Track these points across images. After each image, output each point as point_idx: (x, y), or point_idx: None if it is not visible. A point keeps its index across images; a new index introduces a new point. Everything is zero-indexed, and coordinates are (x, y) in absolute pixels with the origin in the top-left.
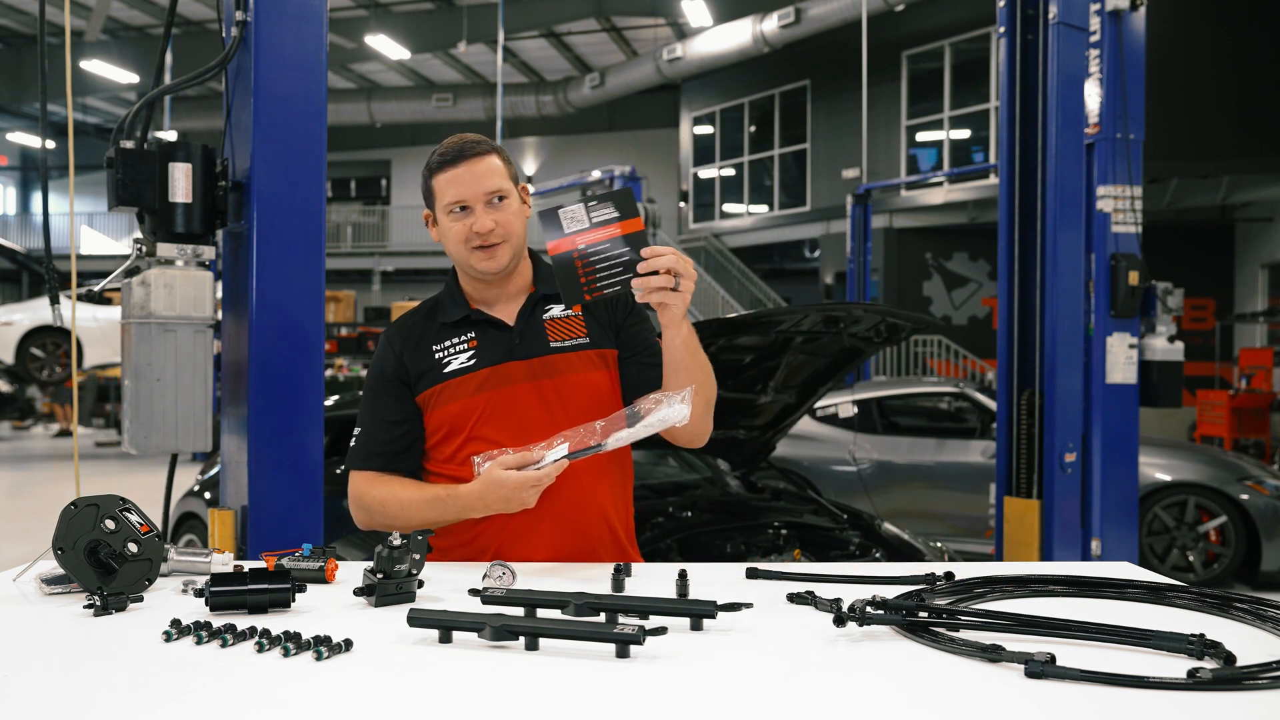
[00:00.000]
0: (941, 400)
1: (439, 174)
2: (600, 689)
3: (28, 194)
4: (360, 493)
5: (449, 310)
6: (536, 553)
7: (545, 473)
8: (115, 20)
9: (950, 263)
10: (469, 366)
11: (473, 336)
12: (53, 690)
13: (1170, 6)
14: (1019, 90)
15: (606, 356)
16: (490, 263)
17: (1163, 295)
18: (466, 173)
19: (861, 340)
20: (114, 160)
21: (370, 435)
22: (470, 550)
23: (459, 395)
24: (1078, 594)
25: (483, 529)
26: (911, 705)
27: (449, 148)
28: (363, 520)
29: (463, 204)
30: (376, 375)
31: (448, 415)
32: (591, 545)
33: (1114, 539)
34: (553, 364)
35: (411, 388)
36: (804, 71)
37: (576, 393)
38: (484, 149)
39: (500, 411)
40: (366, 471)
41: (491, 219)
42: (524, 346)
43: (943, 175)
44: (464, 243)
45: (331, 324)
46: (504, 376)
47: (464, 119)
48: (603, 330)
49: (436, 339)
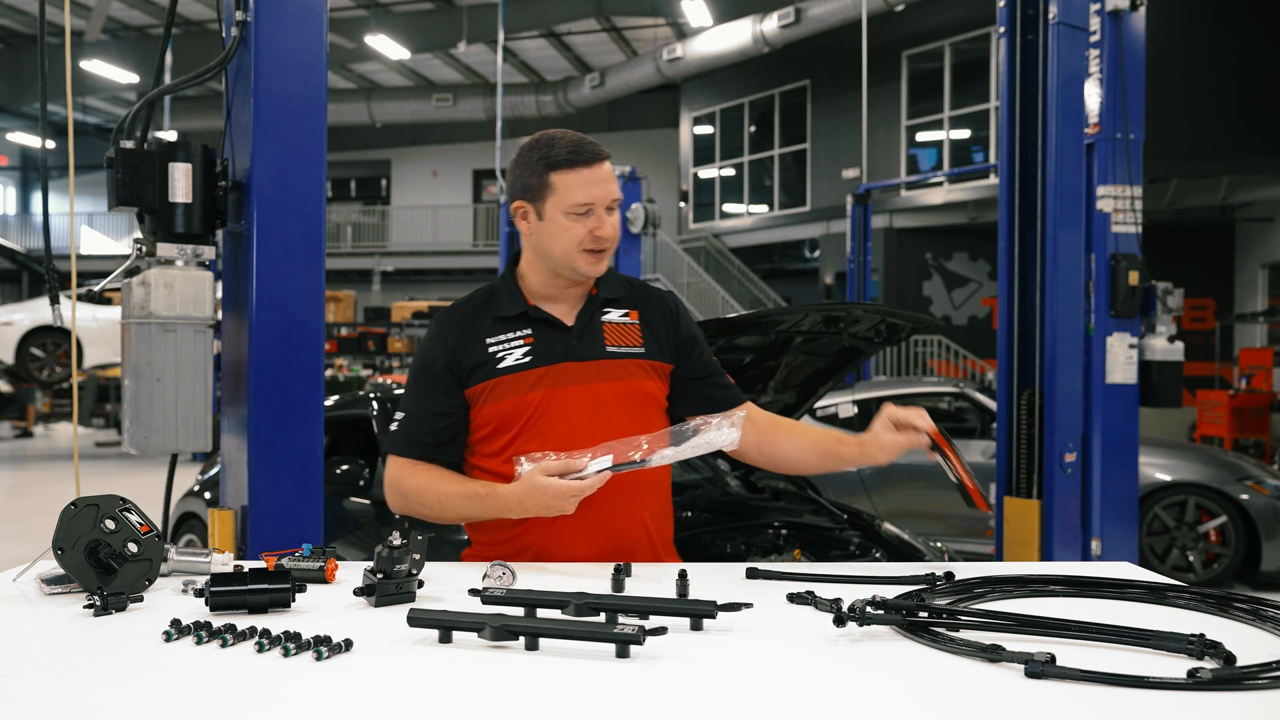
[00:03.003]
0: (941, 400)
1: (564, 171)
2: (600, 689)
3: (28, 194)
4: (398, 479)
5: (505, 304)
6: (575, 556)
7: (587, 484)
8: (115, 20)
9: (950, 263)
10: (524, 364)
11: (529, 333)
12: (53, 690)
13: (1170, 6)
14: (1019, 90)
15: (660, 369)
16: (596, 267)
17: (1163, 295)
18: (597, 175)
19: (861, 340)
20: (114, 160)
21: (413, 423)
22: (509, 549)
23: (512, 392)
24: (1078, 594)
25: (525, 529)
26: (911, 705)
27: (574, 145)
28: (398, 506)
29: (589, 208)
30: (425, 364)
31: (498, 411)
32: (630, 553)
33: (1114, 539)
34: (608, 368)
35: (462, 380)
36: (804, 71)
37: (628, 399)
38: (606, 153)
39: (552, 411)
40: (406, 458)
41: (612, 225)
42: (581, 348)
43: (943, 175)
44: (577, 244)
45: (331, 324)
46: (559, 376)
47: (464, 119)
48: (659, 344)
49: (491, 332)
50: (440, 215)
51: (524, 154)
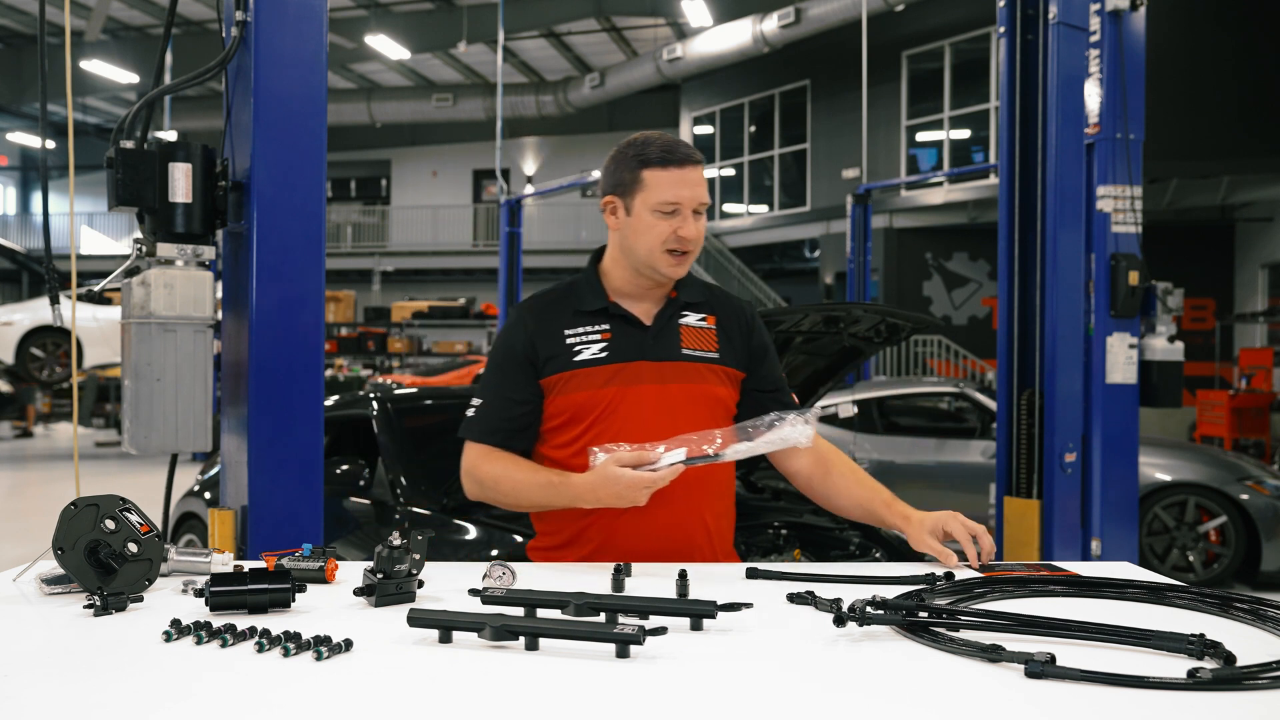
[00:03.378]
0: (941, 400)
1: (656, 169)
2: (600, 689)
3: (28, 194)
4: (474, 465)
5: (586, 298)
6: (635, 554)
7: (660, 475)
8: (115, 20)
9: (950, 263)
10: (600, 358)
11: (607, 329)
12: (53, 690)
13: (1170, 6)
14: (1019, 90)
15: (733, 376)
16: (678, 269)
17: (1163, 295)
18: (688, 177)
19: (861, 340)
20: (114, 160)
21: (492, 410)
22: (571, 543)
23: (587, 385)
24: (1078, 594)
25: (590, 521)
26: (911, 705)
27: (668, 145)
28: (473, 492)
29: (675, 207)
30: (505, 351)
31: (572, 403)
32: (690, 553)
33: (1114, 539)
34: (682, 370)
35: (538, 369)
36: (804, 71)
37: (699, 402)
38: (698, 157)
39: (624, 408)
40: (482, 445)
41: (696, 228)
42: (657, 348)
43: (943, 175)
44: (661, 242)
45: (331, 324)
46: (633, 374)
47: (464, 119)
48: (734, 351)
49: (570, 325)
50: (440, 215)
51: (619, 151)
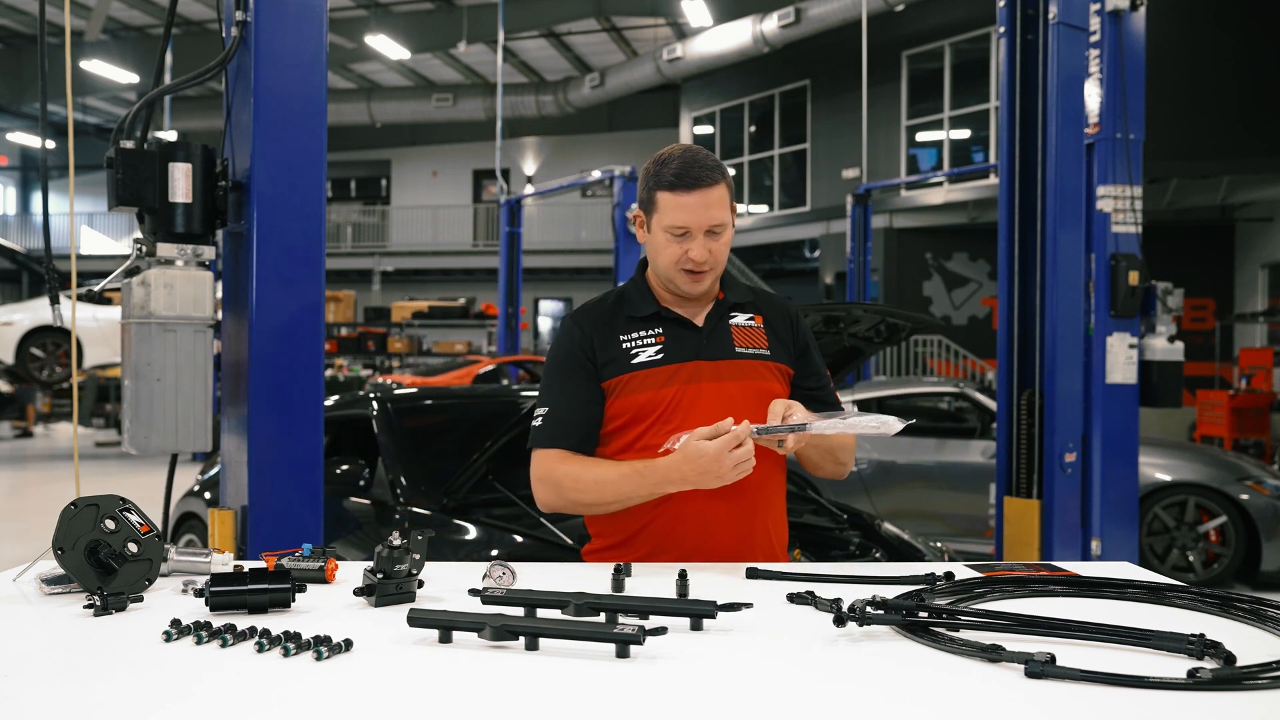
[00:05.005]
0: (941, 400)
1: (667, 193)
2: (600, 689)
3: (28, 194)
4: (549, 469)
5: (638, 305)
6: (695, 553)
7: (743, 429)
8: (115, 20)
9: (950, 263)
10: (657, 360)
11: (660, 332)
12: (53, 690)
13: (1170, 6)
14: (1019, 90)
15: (784, 372)
16: (695, 287)
17: (1163, 295)
18: (696, 202)
19: (861, 340)
20: (114, 160)
21: (562, 414)
22: (630, 542)
23: (646, 387)
24: (1078, 594)
25: (651, 519)
26: (911, 705)
27: (683, 166)
28: (549, 499)
29: (685, 231)
30: (565, 356)
31: (633, 404)
32: (748, 553)
33: (1114, 539)
34: (738, 368)
35: (597, 371)
36: (804, 71)
37: (756, 398)
38: (715, 177)
39: (684, 407)
40: (554, 450)
41: (707, 249)
42: (711, 348)
43: (943, 175)
44: (674, 262)
45: (331, 324)
46: (691, 374)
47: (464, 119)
48: (783, 348)
49: (624, 330)
50: (440, 215)
51: (646, 167)
